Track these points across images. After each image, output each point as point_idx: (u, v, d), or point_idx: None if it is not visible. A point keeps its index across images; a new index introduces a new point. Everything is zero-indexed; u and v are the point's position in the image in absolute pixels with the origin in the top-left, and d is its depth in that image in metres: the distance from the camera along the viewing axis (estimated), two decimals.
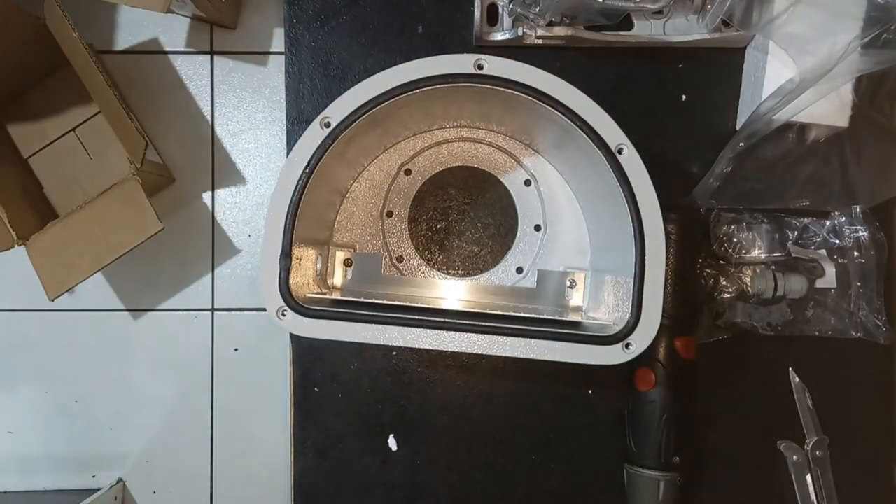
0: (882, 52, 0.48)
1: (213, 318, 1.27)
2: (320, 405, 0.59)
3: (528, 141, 0.57)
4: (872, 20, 0.48)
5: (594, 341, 0.47)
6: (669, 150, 0.59)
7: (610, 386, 0.58)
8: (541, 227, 0.57)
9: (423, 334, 0.48)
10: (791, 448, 0.58)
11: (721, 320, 0.57)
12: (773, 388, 0.58)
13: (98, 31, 1.24)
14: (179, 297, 1.27)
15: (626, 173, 0.47)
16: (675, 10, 0.56)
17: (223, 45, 1.25)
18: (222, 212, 1.25)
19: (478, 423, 0.59)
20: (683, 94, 0.59)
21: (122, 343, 1.26)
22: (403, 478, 0.59)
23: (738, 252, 0.57)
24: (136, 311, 1.27)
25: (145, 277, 1.26)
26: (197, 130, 1.24)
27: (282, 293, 0.48)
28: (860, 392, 0.59)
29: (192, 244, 1.26)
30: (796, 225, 0.57)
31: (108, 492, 1.22)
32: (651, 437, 0.53)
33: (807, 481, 0.57)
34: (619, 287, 0.50)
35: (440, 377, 0.59)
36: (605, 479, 0.58)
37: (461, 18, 0.58)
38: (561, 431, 0.59)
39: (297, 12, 0.59)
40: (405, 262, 0.58)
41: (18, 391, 1.27)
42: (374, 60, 0.59)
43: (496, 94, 0.49)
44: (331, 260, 0.56)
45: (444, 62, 0.48)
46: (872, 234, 0.57)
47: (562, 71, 0.47)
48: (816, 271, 0.57)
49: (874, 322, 0.57)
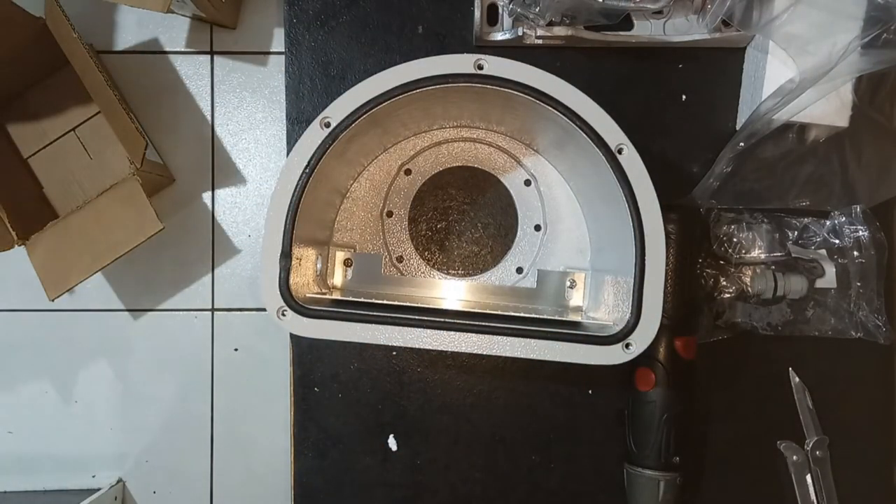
0: (882, 52, 0.48)
1: (213, 318, 1.27)
2: (320, 405, 0.59)
3: (528, 141, 0.57)
4: (872, 20, 0.48)
5: (594, 341, 0.47)
6: (669, 150, 0.59)
7: (610, 386, 0.58)
8: (541, 227, 0.57)
9: (423, 334, 0.48)
10: (791, 448, 0.58)
11: (721, 320, 0.57)
12: (773, 388, 0.58)
13: (98, 31, 1.24)
14: (179, 297, 1.27)
15: (626, 173, 0.47)
16: (675, 10, 0.56)
17: (223, 45, 1.25)
18: (222, 212, 1.25)
19: (478, 423, 0.59)
20: (683, 94, 0.59)
21: (122, 343, 1.26)
22: (403, 478, 0.59)
23: (738, 252, 0.57)
24: (136, 311, 1.27)
25: (145, 277, 1.26)
26: (197, 130, 1.24)
27: (282, 293, 0.48)
28: (860, 392, 0.59)
29: (192, 244, 1.26)
30: (796, 225, 0.57)
31: (108, 492, 1.22)
32: (651, 437, 0.53)
33: (807, 481, 0.57)
34: (619, 287, 0.50)
35: (440, 377, 0.59)
36: (605, 479, 0.58)
37: (461, 18, 0.58)
38: (561, 431, 0.59)
39: (297, 12, 0.59)
40: (405, 262, 0.58)
41: (18, 391, 1.27)
42: (374, 60, 0.59)
43: (496, 94, 0.49)
44: (331, 260, 0.56)
45: (444, 62, 0.48)
46: (872, 234, 0.57)
47: (562, 71, 0.47)
48: (816, 271, 0.57)
49: (874, 322, 0.57)
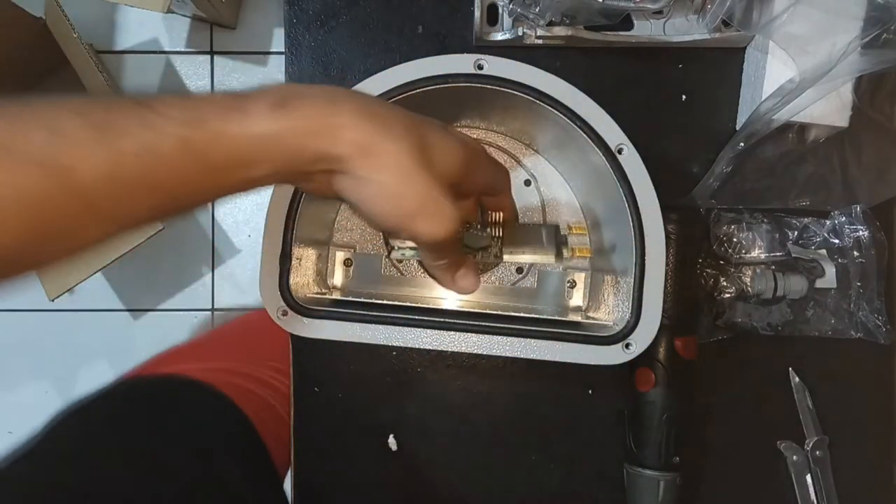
0: (882, 52, 0.48)
1: (213, 318, 1.27)
2: (320, 405, 0.59)
3: (528, 141, 0.57)
4: (872, 20, 0.48)
5: (594, 341, 0.47)
6: (669, 150, 0.59)
7: (610, 386, 0.58)
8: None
9: (423, 334, 0.48)
10: (791, 448, 0.58)
11: (721, 320, 0.57)
12: (773, 388, 0.58)
13: (98, 31, 1.24)
14: (179, 297, 1.27)
15: (626, 173, 0.47)
16: (675, 10, 0.56)
17: (223, 45, 1.25)
18: (222, 212, 1.25)
19: (478, 423, 0.59)
20: (683, 94, 0.59)
21: (122, 343, 1.26)
22: (403, 478, 0.59)
23: (738, 252, 0.57)
24: (136, 311, 1.27)
25: (145, 277, 1.26)
26: None
27: (282, 293, 0.48)
28: (860, 392, 0.59)
29: (192, 244, 1.26)
30: (796, 225, 0.57)
31: None
32: (651, 437, 0.53)
33: (807, 481, 0.57)
34: (619, 287, 0.50)
35: (440, 377, 0.59)
36: (605, 479, 0.58)
37: (461, 18, 0.58)
38: (561, 431, 0.59)
39: (297, 12, 0.59)
40: (405, 262, 0.58)
41: (18, 391, 1.28)
42: (374, 60, 0.59)
43: (496, 94, 0.49)
44: (331, 260, 0.56)
45: (444, 62, 0.48)
46: (872, 234, 0.57)
47: (562, 71, 0.47)
48: (816, 271, 0.57)
49: (874, 322, 0.57)
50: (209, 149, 0.32)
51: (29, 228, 0.29)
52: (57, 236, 0.30)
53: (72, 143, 0.29)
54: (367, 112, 0.35)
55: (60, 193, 0.29)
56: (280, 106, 0.34)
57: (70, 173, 0.29)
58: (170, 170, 0.32)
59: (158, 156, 0.31)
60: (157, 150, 0.31)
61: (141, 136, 0.31)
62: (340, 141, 0.34)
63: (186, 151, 0.32)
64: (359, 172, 0.35)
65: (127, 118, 0.31)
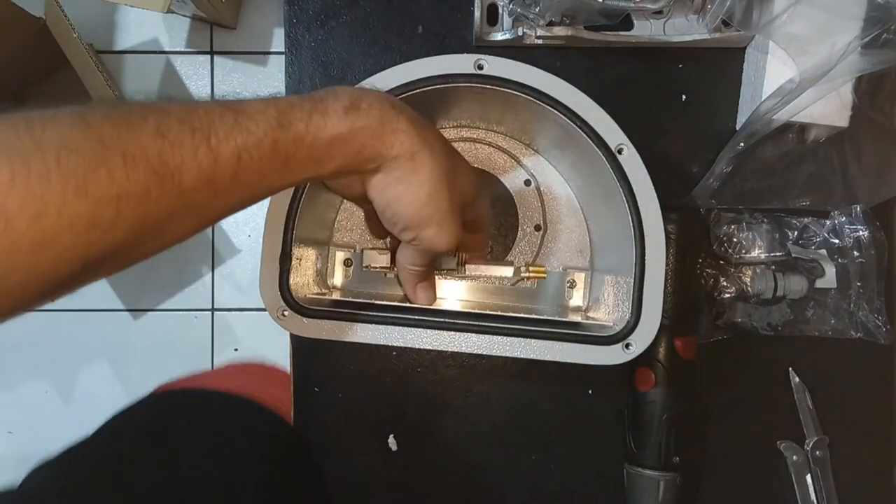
0: (882, 52, 0.48)
1: (213, 318, 1.27)
2: (320, 405, 0.59)
3: (528, 141, 0.57)
4: (872, 20, 0.48)
5: (594, 341, 0.47)
6: (669, 150, 0.59)
7: (610, 386, 0.58)
8: (541, 227, 0.57)
9: (423, 334, 0.48)
10: (791, 448, 0.58)
11: (721, 320, 0.57)
12: (773, 388, 0.58)
13: (98, 31, 1.24)
14: (179, 297, 1.27)
15: (626, 173, 0.47)
16: (675, 10, 0.56)
17: (223, 45, 1.25)
18: None
19: (478, 423, 0.59)
20: (683, 94, 0.59)
21: (122, 343, 1.26)
22: (403, 478, 0.59)
23: (738, 252, 0.57)
24: (136, 311, 1.27)
25: (145, 277, 1.26)
26: None
27: (282, 293, 0.48)
28: (860, 392, 0.59)
29: (192, 244, 1.26)
30: (796, 225, 0.57)
31: None
32: (651, 437, 0.53)
33: (807, 481, 0.57)
34: (619, 287, 0.50)
35: (440, 377, 0.59)
36: (605, 479, 0.58)
37: (461, 18, 0.58)
38: (561, 431, 0.59)
39: (297, 12, 0.59)
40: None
41: (18, 391, 1.28)
42: (374, 60, 0.59)
43: (496, 94, 0.49)
44: (331, 260, 0.56)
45: (444, 62, 0.48)
46: (872, 234, 0.57)
47: (562, 71, 0.47)
48: (816, 271, 0.57)
49: (874, 322, 0.57)
50: (294, 148, 0.36)
51: (135, 225, 0.31)
52: (156, 233, 0.32)
53: (177, 147, 0.31)
54: (418, 123, 0.40)
55: (165, 194, 0.31)
56: (353, 108, 0.37)
57: (174, 175, 0.31)
58: (258, 169, 0.34)
59: (252, 157, 0.34)
60: (251, 152, 0.34)
61: (237, 139, 0.33)
62: (398, 143, 0.39)
63: (275, 151, 0.35)
64: (398, 174, 0.39)
65: (224, 123, 0.33)
